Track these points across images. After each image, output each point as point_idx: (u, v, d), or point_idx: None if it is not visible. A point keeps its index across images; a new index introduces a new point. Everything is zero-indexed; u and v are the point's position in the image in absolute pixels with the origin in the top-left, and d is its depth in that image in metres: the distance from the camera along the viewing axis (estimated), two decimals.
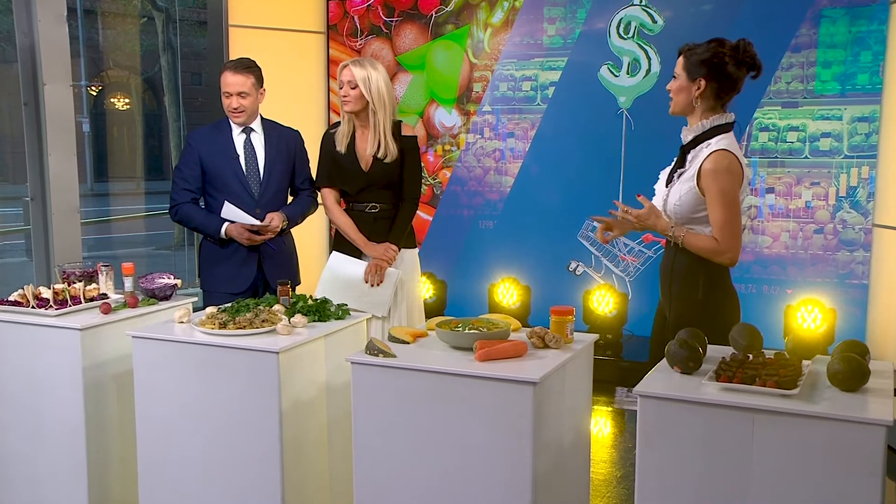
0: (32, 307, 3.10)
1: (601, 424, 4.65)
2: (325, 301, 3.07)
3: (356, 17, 5.97)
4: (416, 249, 3.82)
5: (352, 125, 3.65)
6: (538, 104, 5.58)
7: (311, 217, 3.89)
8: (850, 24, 4.73)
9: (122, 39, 14.00)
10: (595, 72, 5.39)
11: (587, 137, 5.44)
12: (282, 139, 3.77)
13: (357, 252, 3.66)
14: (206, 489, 2.81)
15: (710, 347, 2.43)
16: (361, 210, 3.68)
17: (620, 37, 5.31)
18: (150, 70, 14.05)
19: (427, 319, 3.28)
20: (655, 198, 2.88)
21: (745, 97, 3.18)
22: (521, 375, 2.28)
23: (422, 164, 4.06)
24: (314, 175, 3.83)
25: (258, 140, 3.73)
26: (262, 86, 3.71)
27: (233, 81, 3.61)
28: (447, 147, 5.87)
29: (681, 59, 2.77)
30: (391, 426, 2.44)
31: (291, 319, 2.89)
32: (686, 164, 2.77)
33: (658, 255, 2.82)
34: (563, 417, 2.55)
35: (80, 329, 2.97)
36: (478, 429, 2.34)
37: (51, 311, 3.06)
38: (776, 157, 4.99)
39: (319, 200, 3.82)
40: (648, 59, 5.25)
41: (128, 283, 3.31)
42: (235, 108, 3.64)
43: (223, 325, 2.79)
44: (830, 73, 4.81)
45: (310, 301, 3.06)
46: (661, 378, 2.23)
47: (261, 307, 2.95)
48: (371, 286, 3.58)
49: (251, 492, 2.74)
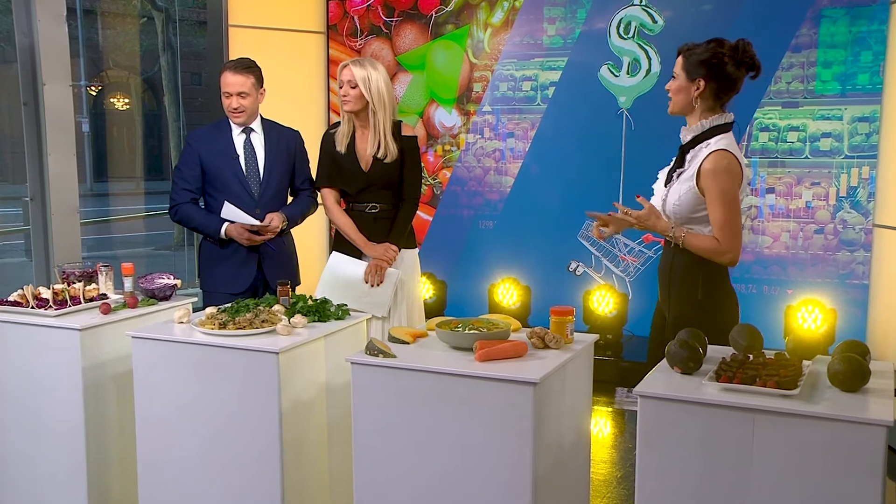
0: (32, 307, 3.09)
1: (601, 425, 4.65)
2: (325, 301, 3.07)
3: (356, 17, 5.97)
4: (417, 250, 3.82)
5: (352, 125, 3.65)
6: (538, 104, 5.58)
7: (311, 217, 3.89)
8: (851, 24, 4.73)
9: (122, 39, 14.01)
10: (595, 72, 5.39)
11: (587, 137, 5.44)
12: (282, 139, 3.77)
13: (357, 252, 3.66)
14: (206, 489, 2.81)
15: (711, 348, 2.43)
16: (361, 210, 3.67)
17: (620, 37, 5.31)
18: (150, 70, 14.05)
19: (427, 320, 3.28)
20: (654, 197, 2.88)
21: (746, 97, 3.18)
22: (522, 376, 2.28)
23: (422, 165, 4.06)
24: (314, 175, 3.83)
25: (258, 140, 3.73)
26: (262, 86, 3.71)
27: (233, 81, 3.61)
28: (447, 147, 5.86)
29: (680, 59, 2.77)
30: (391, 426, 2.44)
31: (291, 320, 2.89)
32: (685, 164, 2.77)
33: (658, 256, 2.82)
34: (564, 418, 2.54)
35: (80, 329, 2.97)
36: (478, 429, 2.34)
37: (50, 312, 3.06)
38: (776, 157, 4.99)
39: (319, 201, 3.82)
40: (648, 59, 5.24)
41: (127, 284, 3.31)
42: (235, 109, 3.64)
43: (223, 326, 2.79)
44: (831, 73, 4.81)
45: (310, 301, 3.06)
46: (662, 378, 2.23)
47: (261, 307, 2.94)
48: (371, 286, 3.58)
49: (251, 492, 2.74)
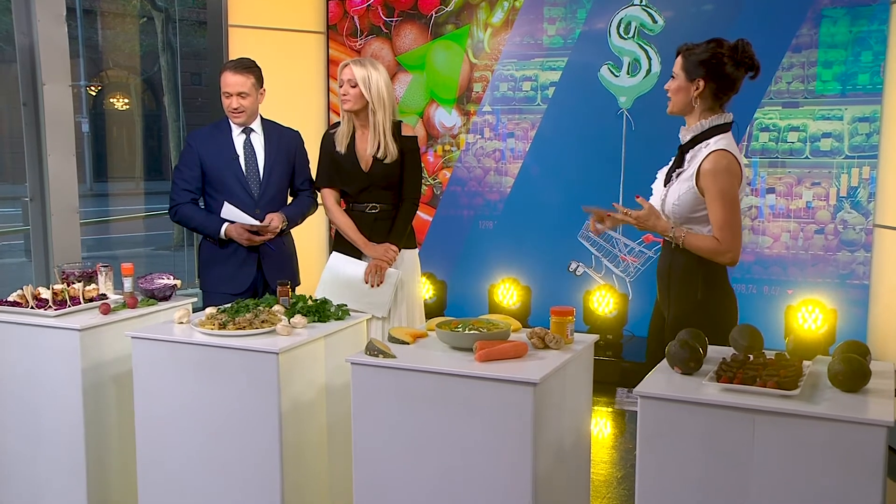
0: (31, 308, 3.09)
1: (601, 425, 4.65)
2: (325, 301, 3.07)
3: (356, 17, 5.97)
4: (417, 250, 3.81)
5: (351, 125, 3.65)
6: (538, 104, 5.58)
7: (311, 217, 3.89)
8: (851, 24, 4.73)
9: (122, 39, 14.01)
10: (595, 72, 5.38)
11: (587, 138, 5.43)
12: (282, 140, 3.77)
13: (357, 252, 3.65)
14: (206, 490, 2.81)
15: (711, 348, 2.43)
16: (361, 210, 3.67)
17: (621, 37, 5.30)
18: (150, 70, 14.05)
19: (427, 320, 3.28)
20: (653, 197, 2.88)
21: (746, 97, 3.18)
22: (522, 376, 2.28)
23: (422, 165, 4.05)
24: (314, 175, 3.82)
25: (258, 140, 3.73)
26: (262, 86, 3.70)
27: (233, 81, 3.60)
28: (447, 147, 5.86)
29: (679, 59, 2.77)
30: (391, 427, 2.44)
31: (291, 320, 2.88)
32: (684, 164, 2.77)
33: (658, 256, 2.82)
34: (564, 418, 2.54)
35: (80, 330, 2.97)
36: (478, 430, 2.34)
37: (50, 312, 3.05)
38: (777, 158, 4.98)
39: (319, 201, 3.82)
40: (649, 60, 5.24)
41: (127, 284, 3.30)
42: (235, 109, 3.63)
43: (223, 326, 2.79)
44: (831, 73, 4.81)
45: (309, 301, 3.06)
46: (662, 379, 2.23)
47: (260, 308, 2.94)
48: (371, 287, 3.58)
49: (251, 493, 2.74)
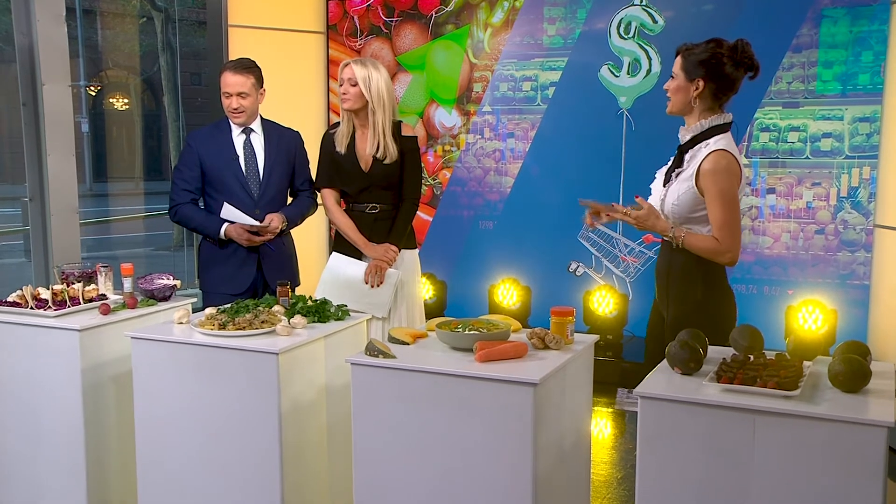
0: (31, 308, 3.09)
1: (602, 426, 4.64)
2: (325, 302, 3.07)
3: (356, 17, 5.97)
4: (417, 250, 3.81)
5: (351, 125, 3.65)
6: (538, 104, 5.57)
7: (311, 218, 3.89)
8: (852, 24, 4.73)
9: (121, 39, 14.01)
10: (595, 72, 5.38)
11: (587, 138, 5.43)
12: (282, 140, 3.77)
13: (357, 253, 3.65)
14: (206, 491, 2.81)
15: (711, 348, 2.43)
16: (361, 211, 3.67)
17: (621, 37, 5.30)
18: (150, 70, 14.05)
19: (427, 320, 3.28)
20: (652, 197, 2.88)
21: (746, 97, 3.17)
22: (522, 376, 2.28)
23: (422, 165, 4.05)
24: (314, 176, 3.82)
25: (258, 141, 3.72)
26: (262, 86, 3.70)
27: (233, 82, 3.60)
28: (447, 147, 5.86)
29: (679, 59, 2.77)
30: (391, 427, 2.44)
31: (291, 320, 2.88)
32: (684, 164, 2.77)
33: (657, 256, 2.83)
34: (564, 419, 2.54)
35: (79, 330, 2.97)
36: (478, 430, 2.33)
37: (49, 312, 3.05)
38: (777, 158, 4.98)
39: (319, 201, 3.81)
40: (649, 60, 5.24)
41: (127, 284, 3.30)
42: (235, 109, 3.63)
43: (222, 326, 2.79)
44: (831, 73, 4.81)
45: (309, 302, 3.06)
46: (662, 379, 2.23)
47: (260, 308, 2.94)
48: (371, 287, 3.57)
49: (250, 493, 2.74)
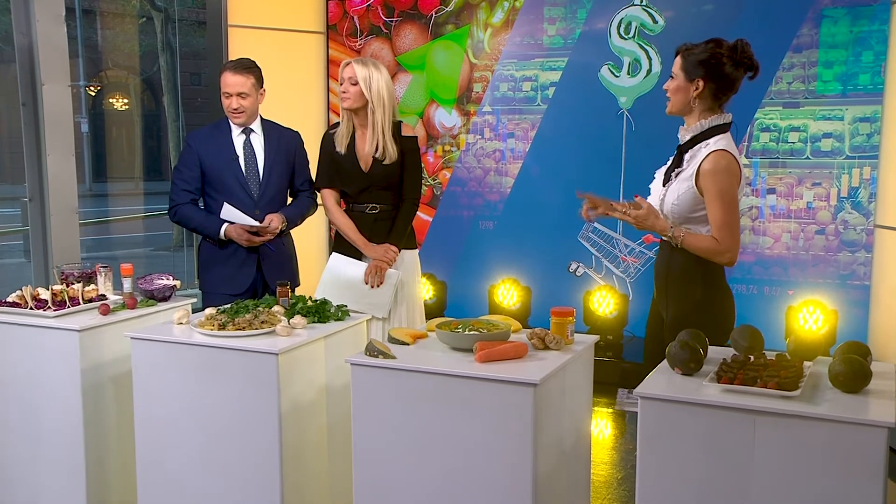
0: (31, 308, 3.09)
1: (602, 426, 4.64)
2: (325, 302, 3.06)
3: (356, 17, 5.96)
4: (417, 250, 3.81)
5: (351, 125, 3.64)
6: (538, 104, 5.57)
7: (311, 218, 3.88)
8: (852, 24, 4.72)
9: (121, 39, 14.00)
10: (595, 72, 5.38)
11: (587, 138, 5.43)
12: (281, 140, 3.76)
13: (357, 253, 3.65)
14: (205, 491, 2.80)
15: (711, 349, 2.43)
16: (361, 211, 3.67)
17: (621, 37, 5.30)
18: (149, 70, 14.04)
19: (427, 320, 3.27)
20: (651, 196, 2.88)
21: (747, 97, 3.17)
22: (522, 377, 2.28)
23: (422, 165, 4.05)
24: (314, 176, 3.82)
25: (258, 141, 3.72)
26: (262, 86, 3.70)
27: (232, 82, 3.60)
28: (447, 148, 5.85)
29: (678, 59, 2.77)
30: (391, 428, 2.43)
31: (291, 321, 2.88)
32: (683, 164, 2.77)
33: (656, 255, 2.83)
34: (564, 419, 2.54)
35: (79, 330, 2.96)
36: (478, 430, 2.33)
37: (49, 313, 3.05)
38: (777, 158, 4.98)
39: (319, 201, 3.81)
40: (649, 60, 5.24)
41: (126, 284, 3.30)
42: (235, 109, 3.63)
43: (222, 327, 2.78)
44: (832, 74, 4.80)
45: (309, 302, 3.05)
46: (662, 379, 2.22)
47: (260, 308, 2.94)
48: (371, 287, 3.57)
49: (250, 494, 2.73)
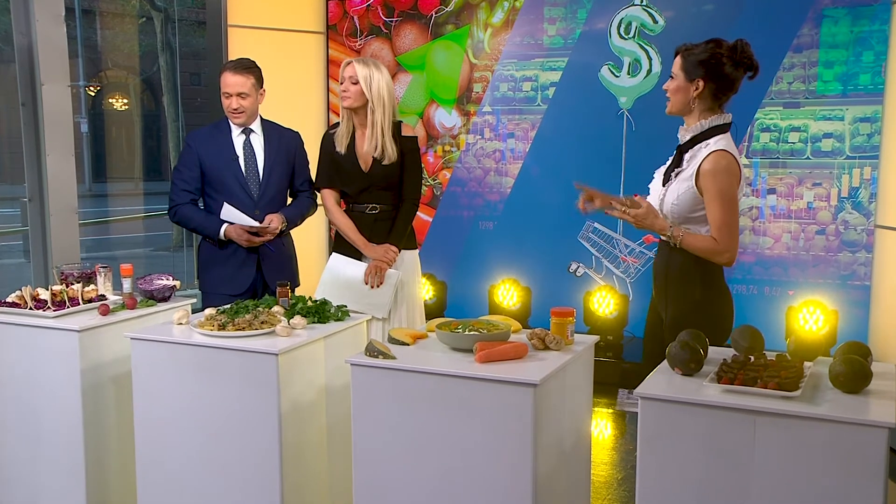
0: (30, 309, 3.08)
1: (602, 426, 4.64)
2: (325, 302, 3.06)
3: (356, 17, 5.96)
4: (417, 250, 3.81)
5: (351, 125, 3.64)
6: (538, 105, 5.57)
7: (311, 218, 3.88)
8: (852, 24, 4.72)
9: (121, 39, 14.00)
10: (596, 72, 5.38)
11: (588, 138, 5.43)
12: (281, 140, 3.76)
13: (357, 253, 3.65)
14: (205, 491, 2.80)
15: (711, 349, 2.43)
16: (361, 211, 3.67)
17: (621, 37, 5.29)
18: (149, 70, 14.04)
19: (427, 321, 3.27)
20: (651, 196, 2.88)
21: (747, 97, 3.17)
22: (522, 377, 2.27)
23: (422, 165, 4.05)
24: (314, 176, 3.82)
25: (258, 141, 3.72)
26: (262, 86, 3.70)
27: (232, 82, 3.60)
28: (447, 148, 5.85)
29: (678, 60, 2.76)
30: (391, 428, 2.43)
31: (291, 321, 2.88)
32: (683, 164, 2.76)
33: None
34: (564, 419, 2.53)
35: (79, 331, 2.96)
36: (478, 431, 2.33)
37: (49, 313, 3.05)
38: (777, 158, 4.98)
39: (319, 202, 3.81)
40: (649, 60, 5.23)
41: (126, 285, 3.30)
42: (235, 109, 3.63)
43: (222, 327, 2.78)
44: (832, 74, 4.80)
45: (309, 302, 3.05)
46: (662, 380, 2.22)
47: (260, 309, 2.93)
48: (371, 288, 3.57)
49: (250, 494, 2.73)
